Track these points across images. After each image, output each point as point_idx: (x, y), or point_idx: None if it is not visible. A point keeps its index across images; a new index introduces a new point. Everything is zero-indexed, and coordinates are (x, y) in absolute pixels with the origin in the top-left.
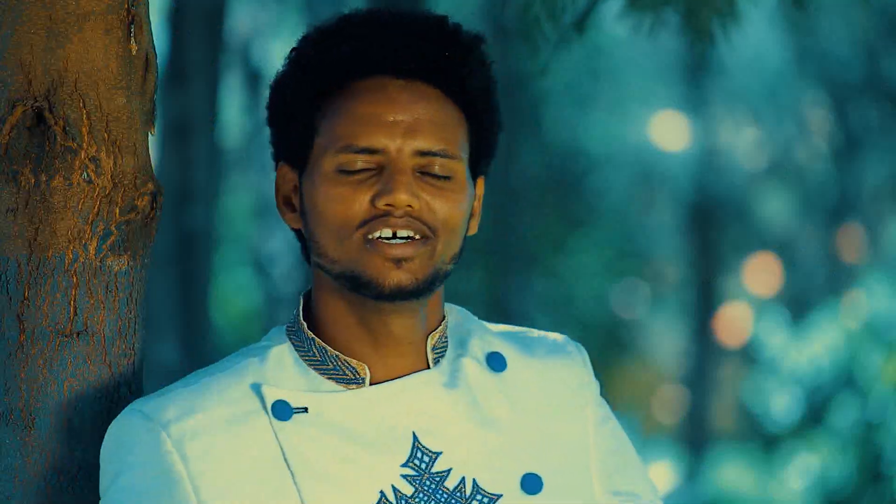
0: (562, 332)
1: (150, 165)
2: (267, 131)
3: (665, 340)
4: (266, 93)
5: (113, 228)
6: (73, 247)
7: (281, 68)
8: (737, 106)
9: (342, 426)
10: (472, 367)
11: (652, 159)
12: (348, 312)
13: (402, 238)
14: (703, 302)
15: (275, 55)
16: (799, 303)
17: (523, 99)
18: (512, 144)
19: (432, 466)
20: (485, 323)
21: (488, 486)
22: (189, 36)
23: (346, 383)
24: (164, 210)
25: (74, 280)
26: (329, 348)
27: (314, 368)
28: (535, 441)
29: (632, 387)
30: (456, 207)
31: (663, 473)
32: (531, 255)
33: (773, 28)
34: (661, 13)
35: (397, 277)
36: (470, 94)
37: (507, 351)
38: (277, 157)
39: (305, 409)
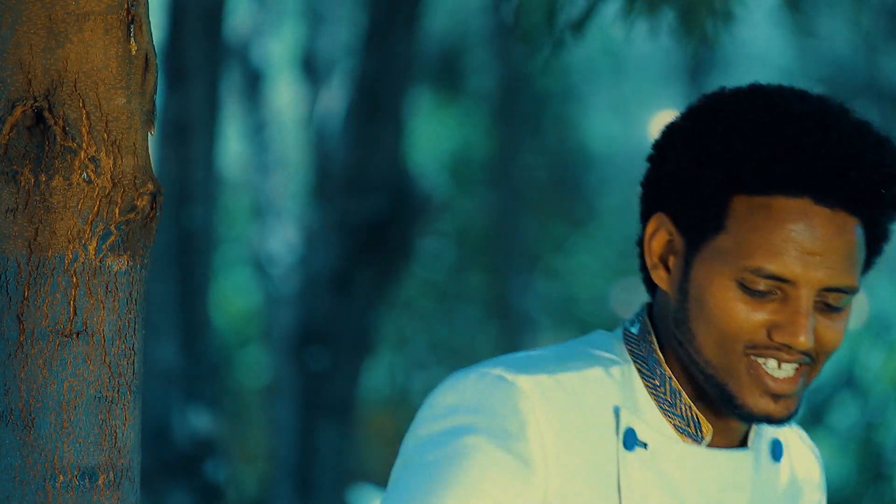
0: (562, 332)
1: (150, 165)
2: (267, 131)
3: None
4: (265, 92)
5: (113, 228)
6: (73, 247)
7: (700, 121)
8: None
9: (670, 475)
10: (765, 454)
11: None
12: (698, 377)
13: (786, 372)
14: None
15: (275, 55)
16: None
17: (524, 99)
18: (512, 144)
19: None
20: None
21: None
22: (188, 36)
23: (685, 435)
24: (163, 210)
25: (74, 280)
26: (684, 394)
27: (659, 407)
28: None
29: None
30: (842, 336)
31: None
32: (531, 254)
33: (774, 28)
34: (657, 15)
35: (771, 409)
36: (883, 230)
37: (781, 438)
38: (657, 206)
39: (645, 445)
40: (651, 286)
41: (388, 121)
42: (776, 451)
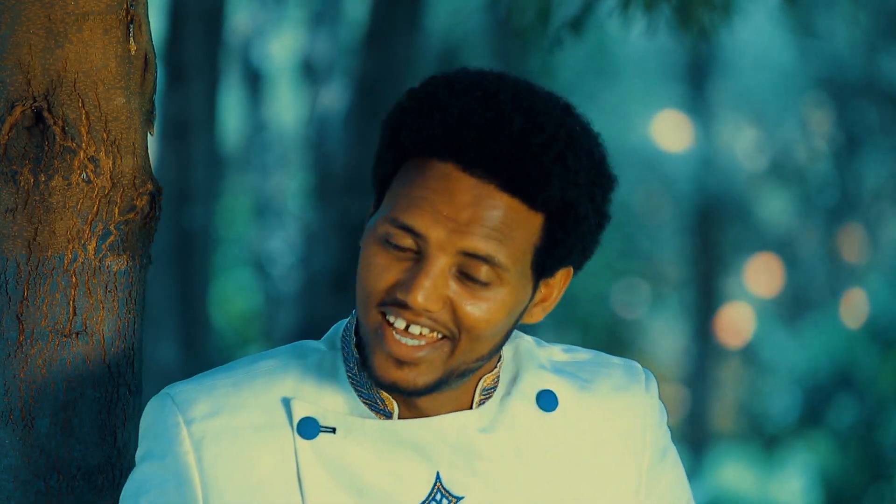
0: (563, 332)
1: (150, 165)
2: (268, 131)
3: (666, 340)
4: (265, 93)
5: (112, 228)
6: (73, 247)
7: (394, 105)
8: (738, 106)
9: (366, 455)
10: (519, 408)
11: (653, 159)
12: None
13: (413, 335)
14: (704, 302)
15: (275, 55)
16: (799, 303)
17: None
18: None
19: None
20: (553, 349)
21: None
22: (188, 36)
23: (377, 412)
24: (163, 210)
25: (74, 280)
26: (367, 373)
27: (354, 389)
28: (575, 487)
29: None
30: (488, 315)
31: None
32: None
33: (774, 29)
34: (655, 10)
35: (396, 376)
36: (549, 207)
37: (562, 388)
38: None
39: (333, 430)
40: None
41: None
42: (544, 402)
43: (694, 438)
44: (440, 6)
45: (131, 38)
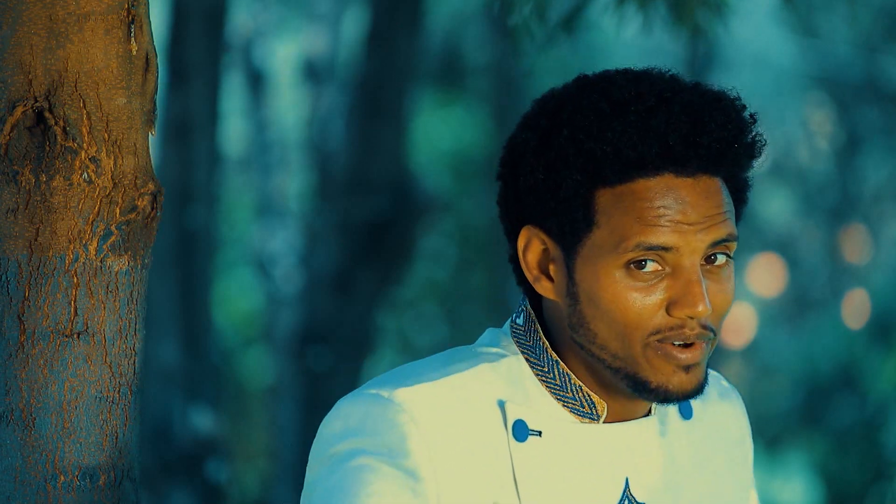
0: None
1: (151, 165)
2: (269, 131)
3: None
4: (267, 93)
5: (113, 228)
6: (74, 247)
7: (534, 128)
8: None
9: (569, 458)
10: (672, 414)
11: None
12: (590, 376)
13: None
14: None
15: (277, 55)
16: (800, 303)
17: (526, 99)
18: None
19: None
20: None
21: None
22: (190, 36)
23: (581, 416)
24: (165, 210)
25: (75, 280)
26: (573, 376)
27: (551, 393)
28: (711, 492)
29: None
30: (731, 292)
31: None
32: None
33: (773, 28)
34: (649, 7)
35: (686, 383)
36: (743, 180)
37: None
38: (522, 216)
39: (539, 433)
40: (533, 295)
41: (389, 121)
42: (684, 410)
43: None
44: (441, 6)
45: (132, 39)
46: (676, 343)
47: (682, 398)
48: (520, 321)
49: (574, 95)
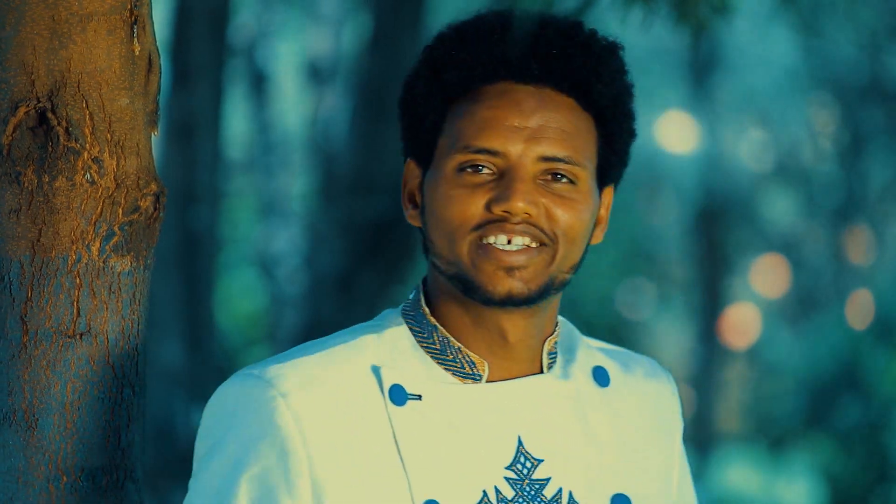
0: None
1: (153, 166)
2: (273, 132)
3: (671, 341)
4: (270, 94)
5: (116, 229)
6: (77, 247)
7: (414, 65)
8: (743, 107)
9: (453, 419)
10: (581, 378)
11: (658, 160)
12: (464, 313)
13: (517, 245)
14: (710, 303)
15: (280, 57)
16: (805, 304)
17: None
18: None
19: (533, 473)
20: (586, 338)
21: (582, 500)
22: (193, 37)
23: (463, 377)
24: (168, 211)
25: (77, 281)
26: (451, 339)
27: (432, 357)
28: (628, 462)
29: None
30: (578, 216)
31: None
32: None
33: (777, 28)
34: (652, 4)
35: (508, 285)
36: (599, 102)
37: (609, 367)
38: (406, 153)
39: (419, 397)
40: (424, 240)
41: (392, 122)
42: (599, 377)
43: (699, 439)
44: (444, 7)
45: (135, 39)
46: (498, 242)
47: (507, 301)
48: (411, 296)
49: (440, 31)
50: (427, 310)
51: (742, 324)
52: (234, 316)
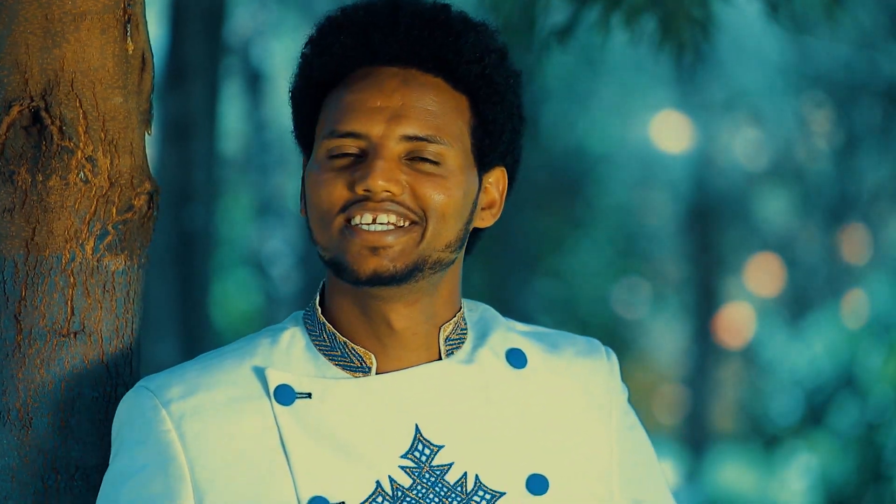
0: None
1: (147, 165)
2: (268, 131)
3: (666, 340)
4: (265, 92)
5: (110, 228)
6: (70, 246)
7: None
8: (736, 106)
9: (344, 414)
10: (490, 361)
11: (652, 159)
12: (353, 303)
13: (382, 224)
14: (704, 302)
15: (275, 55)
16: (799, 303)
17: (524, 99)
18: None
19: (433, 459)
20: (514, 322)
21: (492, 482)
22: (189, 36)
23: (353, 371)
24: (163, 211)
25: (71, 280)
26: (338, 334)
27: (324, 354)
28: (546, 442)
29: (632, 386)
30: (447, 193)
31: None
32: (532, 254)
33: (772, 28)
34: (635, 24)
35: (374, 264)
36: (468, 81)
37: (529, 349)
38: (302, 147)
39: (309, 395)
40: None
41: None
42: (514, 359)
43: (694, 439)
44: None
45: (129, 38)
46: (363, 221)
47: (374, 280)
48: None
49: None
50: (319, 309)
51: (736, 323)
52: (230, 315)
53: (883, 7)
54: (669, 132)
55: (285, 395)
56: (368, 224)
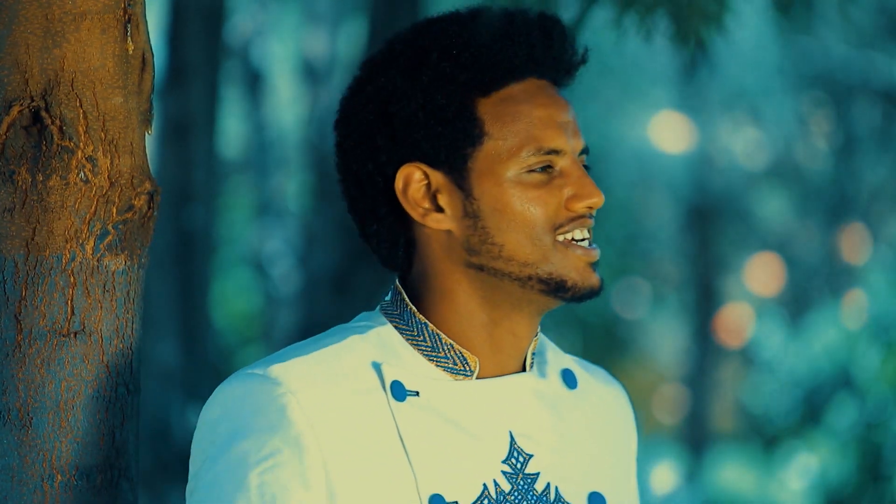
0: (562, 332)
1: (147, 165)
2: (268, 131)
3: (665, 340)
4: (265, 93)
5: (110, 228)
6: (71, 246)
7: (392, 69)
8: (736, 106)
9: (449, 414)
10: (553, 378)
11: (651, 159)
12: (480, 310)
13: (592, 242)
14: (704, 302)
15: (276, 55)
16: (799, 303)
17: None
18: None
19: (525, 467)
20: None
21: (566, 496)
22: (189, 36)
23: (454, 373)
24: (163, 210)
25: (72, 280)
26: (443, 335)
27: (422, 354)
28: (599, 462)
29: (632, 386)
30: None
31: (663, 473)
32: None
33: (772, 28)
34: (649, 21)
35: (595, 280)
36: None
37: (576, 370)
38: (392, 161)
39: (417, 393)
40: (395, 260)
41: None
42: (568, 379)
43: (693, 438)
44: (440, 7)
45: (129, 38)
46: (576, 237)
47: (592, 294)
48: (388, 298)
49: (422, 29)
50: (414, 307)
51: (736, 322)
52: (230, 315)
53: (882, 7)
54: (669, 132)
55: (399, 391)
56: (583, 240)
